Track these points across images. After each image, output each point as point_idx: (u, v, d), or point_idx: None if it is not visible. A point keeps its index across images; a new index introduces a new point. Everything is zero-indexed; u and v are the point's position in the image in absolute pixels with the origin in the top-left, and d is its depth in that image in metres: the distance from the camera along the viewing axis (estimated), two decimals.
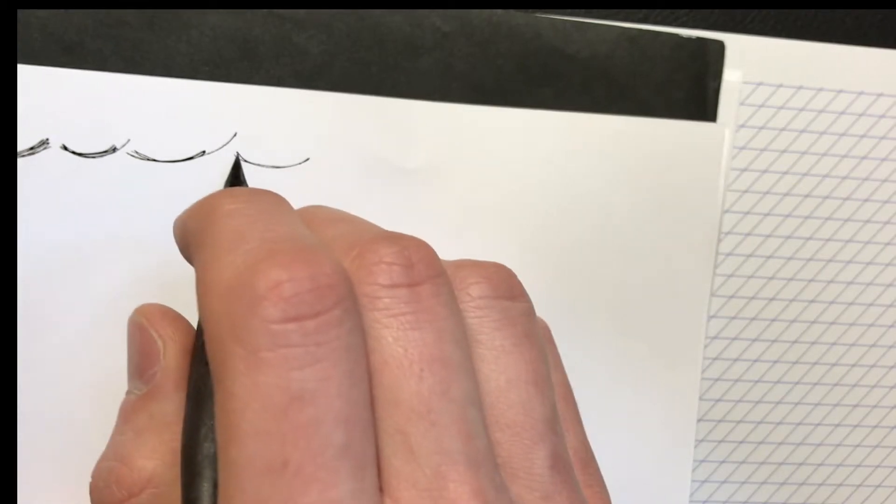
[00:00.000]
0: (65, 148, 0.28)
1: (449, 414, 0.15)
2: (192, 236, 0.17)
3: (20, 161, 0.28)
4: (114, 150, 0.29)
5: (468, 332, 0.17)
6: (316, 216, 0.19)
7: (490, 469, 0.15)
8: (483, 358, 0.17)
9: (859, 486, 0.34)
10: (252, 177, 0.29)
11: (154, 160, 0.29)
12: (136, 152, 0.29)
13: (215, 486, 0.15)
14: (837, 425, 0.34)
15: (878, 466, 0.34)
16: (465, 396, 0.15)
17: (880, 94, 0.33)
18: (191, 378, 0.17)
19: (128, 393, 0.19)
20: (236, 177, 0.27)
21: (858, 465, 0.34)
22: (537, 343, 0.18)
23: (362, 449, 0.14)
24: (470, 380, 0.16)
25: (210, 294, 0.15)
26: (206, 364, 0.16)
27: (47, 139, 0.28)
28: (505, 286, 0.18)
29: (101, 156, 0.29)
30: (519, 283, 0.18)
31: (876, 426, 0.34)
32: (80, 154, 0.29)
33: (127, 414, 0.18)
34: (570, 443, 0.18)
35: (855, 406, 0.34)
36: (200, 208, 0.17)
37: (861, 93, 0.33)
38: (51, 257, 0.28)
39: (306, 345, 0.14)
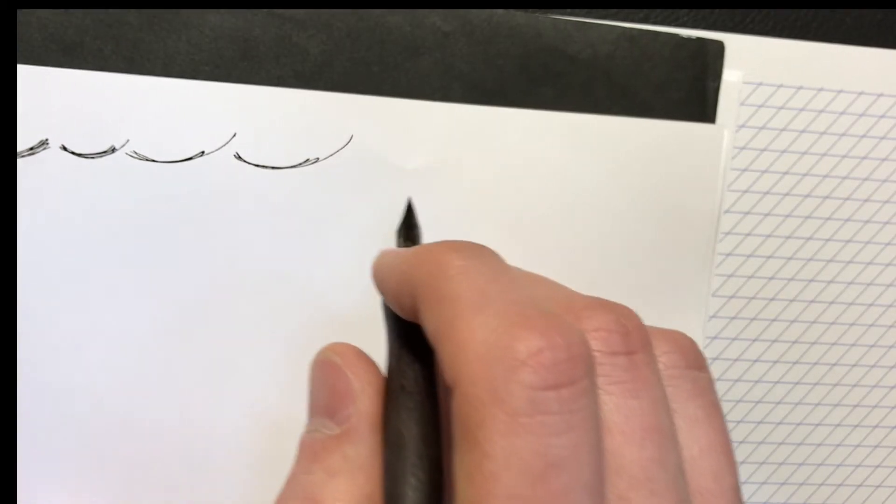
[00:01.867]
0: (64, 148, 0.28)
1: (665, 482, 0.16)
2: (421, 288, 0.17)
3: (20, 161, 0.28)
4: (113, 150, 0.29)
5: None
6: (518, 277, 0.19)
7: None
8: (678, 427, 0.17)
9: (859, 486, 0.34)
10: (252, 177, 0.29)
11: (153, 160, 0.29)
12: (136, 153, 0.29)
13: None
14: (837, 425, 0.34)
15: (878, 466, 0.34)
16: (676, 465, 0.16)
17: (880, 94, 0.33)
18: (389, 424, 0.17)
19: (312, 431, 0.19)
20: (410, 219, 0.28)
21: (859, 465, 0.34)
22: (722, 413, 0.18)
23: None
24: (677, 449, 0.16)
25: (464, 354, 0.15)
26: (408, 410, 0.17)
27: (47, 139, 0.28)
28: (693, 356, 0.18)
29: (101, 156, 0.29)
30: (703, 354, 0.19)
31: (876, 426, 0.34)
32: (79, 154, 0.28)
33: (317, 453, 0.18)
34: None
35: (855, 406, 0.34)
36: (427, 261, 0.18)
37: (861, 93, 0.33)
38: (50, 257, 0.28)
39: (562, 412, 0.14)
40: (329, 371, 0.19)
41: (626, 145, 0.31)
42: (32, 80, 0.28)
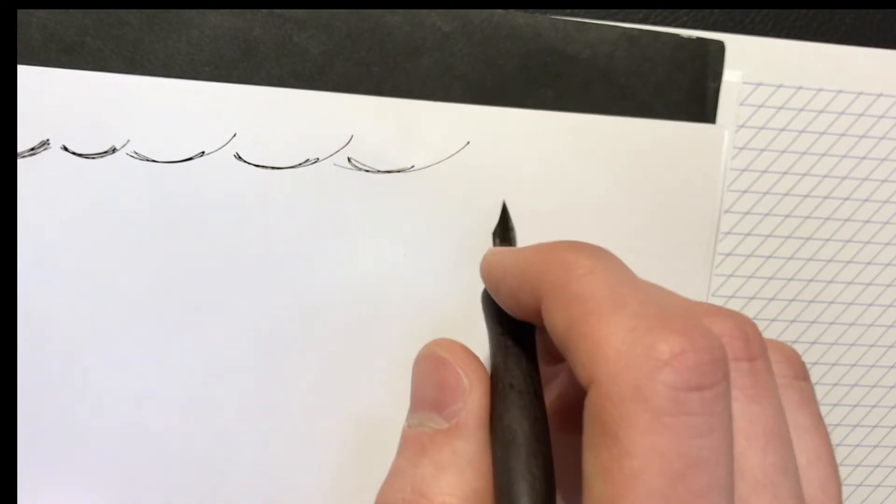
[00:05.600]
0: (65, 149, 0.28)
1: (787, 488, 0.16)
2: (546, 286, 0.18)
3: (20, 162, 0.28)
4: (113, 150, 0.29)
5: None
6: (642, 281, 0.19)
7: None
8: None
9: (859, 485, 0.34)
10: (252, 177, 0.29)
11: (154, 161, 0.29)
12: (136, 153, 0.29)
13: None
14: (837, 425, 0.34)
15: (877, 466, 0.34)
16: (795, 472, 0.16)
17: (880, 95, 0.33)
18: (500, 421, 0.18)
19: (417, 425, 0.19)
20: (505, 222, 0.28)
21: (858, 465, 0.34)
22: (825, 424, 0.18)
23: None
24: (794, 456, 0.17)
25: (602, 351, 0.15)
26: (519, 408, 0.17)
27: (47, 140, 0.28)
28: (800, 367, 0.18)
29: (101, 156, 0.29)
30: (805, 365, 0.19)
31: (875, 426, 0.34)
32: (80, 155, 0.28)
33: (425, 447, 0.18)
34: None
35: (854, 406, 0.34)
36: (551, 260, 0.18)
37: (861, 93, 0.33)
38: (50, 257, 0.28)
39: (704, 414, 0.14)
40: (437, 366, 0.19)
41: (626, 145, 0.31)
42: (32, 80, 0.28)
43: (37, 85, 0.28)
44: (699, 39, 0.31)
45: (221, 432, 0.30)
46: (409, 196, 0.30)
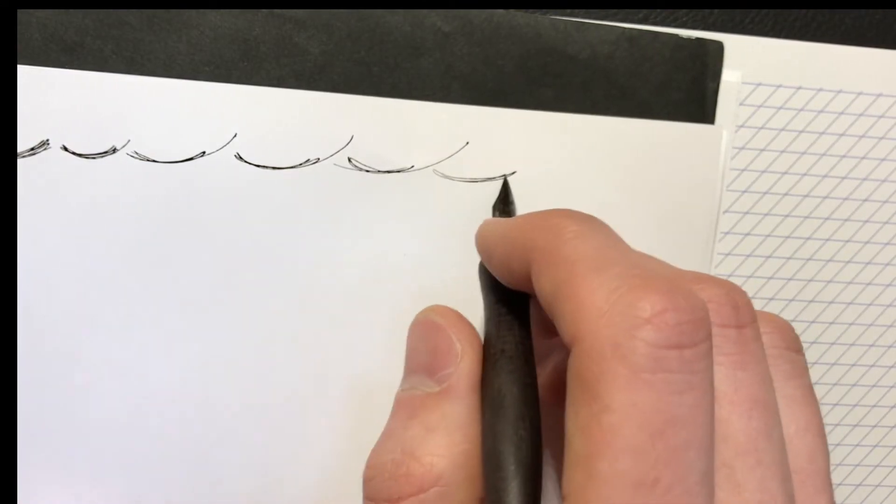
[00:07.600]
0: (65, 149, 0.28)
1: (771, 454, 0.16)
2: (536, 252, 0.18)
3: (20, 162, 0.28)
4: (114, 150, 0.29)
5: None
6: (630, 248, 0.20)
7: None
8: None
9: (858, 485, 0.34)
10: (252, 177, 0.29)
11: (154, 161, 0.29)
12: (136, 153, 0.29)
13: (523, 492, 0.16)
14: (837, 425, 0.34)
15: (877, 466, 0.34)
16: (780, 439, 0.16)
17: (879, 95, 0.33)
18: (490, 385, 0.18)
19: (410, 388, 0.19)
20: (506, 195, 0.28)
21: (857, 465, 0.34)
22: (816, 396, 0.18)
23: (713, 477, 0.15)
24: (780, 424, 0.17)
25: (585, 311, 0.15)
26: (509, 373, 0.17)
27: (47, 140, 0.28)
28: (792, 339, 0.19)
29: (102, 156, 0.29)
30: (799, 338, 0.19)
31: (875, 425, 0.34)
32: (80, 155, 0.28)
33: (415, 409, 0.19)
34: None
35: (854, 406, 0.34)
36: (541, 226, 0.18)
37: (860, 93, 0.33)
38: (50, 257, 0.28)
39: (683, 372, 0.15)
40: (431, 331, 0.19)
41: (626, 146, 0.31)
42: (32, 80, 0.28)
43: (37, 85, 0.28)
44: (698, 39, 0.31)
45: (221, 432, 0.30)
46: (409, 196, 0.30)
